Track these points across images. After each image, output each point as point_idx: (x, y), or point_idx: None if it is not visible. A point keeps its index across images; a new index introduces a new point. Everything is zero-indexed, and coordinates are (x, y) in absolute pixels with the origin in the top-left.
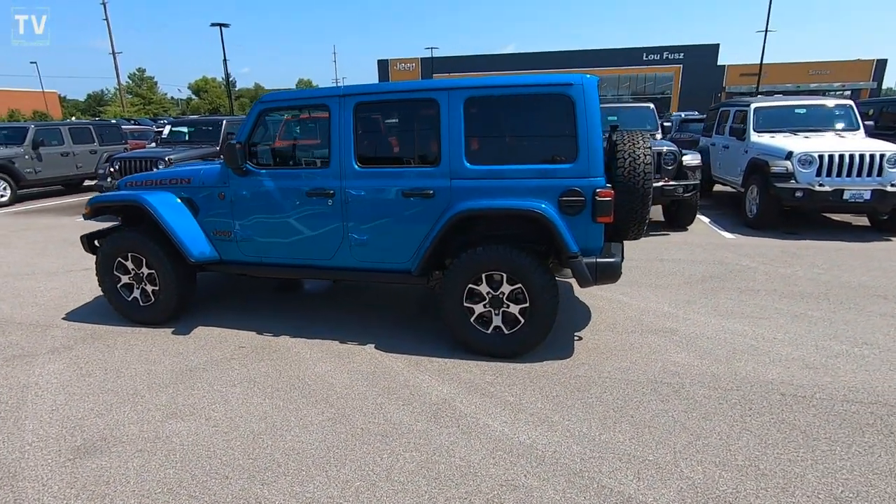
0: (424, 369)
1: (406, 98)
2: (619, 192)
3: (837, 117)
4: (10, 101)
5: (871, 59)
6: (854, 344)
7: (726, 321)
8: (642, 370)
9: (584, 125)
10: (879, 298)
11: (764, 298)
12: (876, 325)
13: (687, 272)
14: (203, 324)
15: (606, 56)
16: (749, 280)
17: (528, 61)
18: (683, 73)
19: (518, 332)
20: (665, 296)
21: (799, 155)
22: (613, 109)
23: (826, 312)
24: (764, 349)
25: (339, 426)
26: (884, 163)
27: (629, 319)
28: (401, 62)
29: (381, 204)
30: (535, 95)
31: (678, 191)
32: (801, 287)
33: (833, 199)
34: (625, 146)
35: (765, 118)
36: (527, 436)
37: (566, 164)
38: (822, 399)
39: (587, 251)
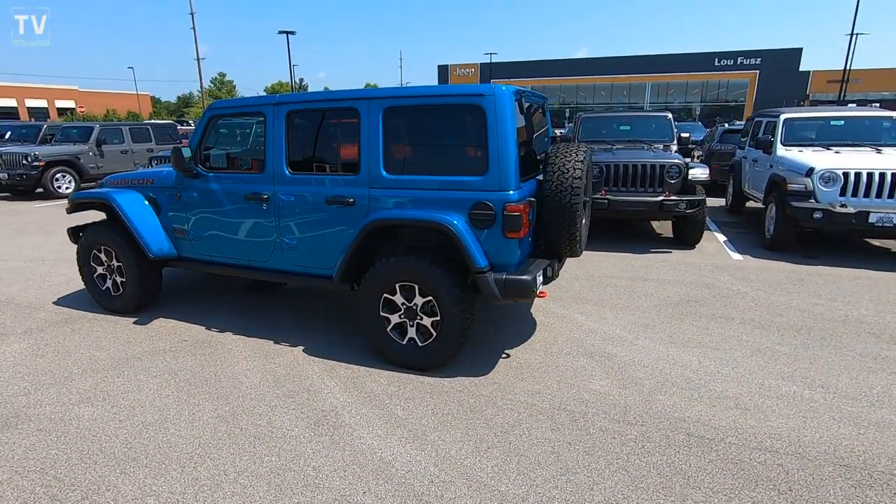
0: (335, 376)
1: (331, 107)
2: (546, 206)
3: (880, 131)
4: (108, 102)
5: None
6: (808, 386)
7: (676, 350)
8: (552, 395)
9: (494, 138)
10: (870, 337)
11: (734, 328)
12: (848, 366)
13: (664, 294)
14: (165, 315)
15: (675, 61)
16: (729, 307)
17: (593, 66)
18: (760, 80)
19: (431, 345)
20: (626, 318)
21: (821, 171)
22: (628, 119)
23: (796, 348)
24: (699, 383)
25: (222, 424)
26: None
27: (571, 340)
28: (460, 67)
29: (309, 209)
30: (449, 106)
31: (680, 206)
32: (786, 318)
33: (857, 223)
34: (556, 160)
35: (796, 130)
36: (391, 452)
37: (476, 177)
38: (732, 444)
39: (499, 266)
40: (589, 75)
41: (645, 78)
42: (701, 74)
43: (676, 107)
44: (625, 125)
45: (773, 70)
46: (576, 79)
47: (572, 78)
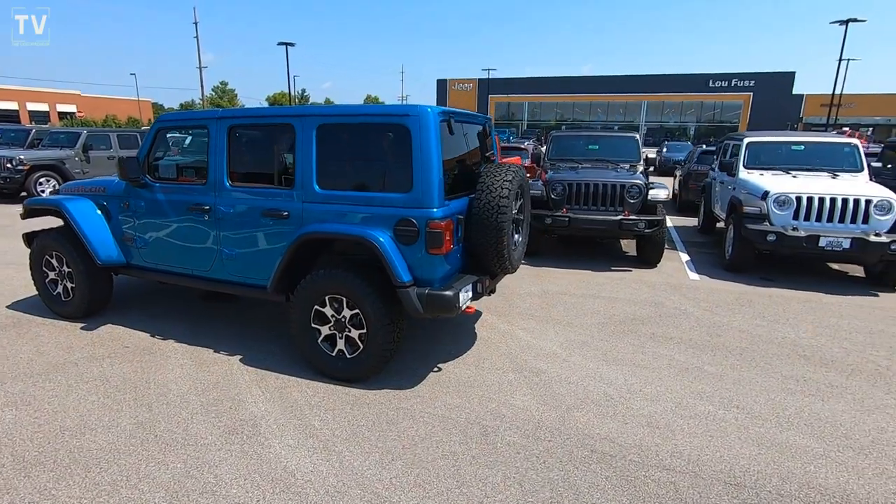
0: (264, 385)
1: (269, 123)
2: (474, 224)
3: (839, 157)
4: (109, 108)
5: None
6: (724, 406)
7: (606, 368)
8: (471, 409)
9: (418, 156)
10: (800, 359)
11: (669, 347)
12: (769, 387)
13: (612, 312)
14: (113, 322)
15: (671, 82)
16: (671, 326)
17: (590, 84)
18: (754, 102)
19: (359, 357)
20: (567, 335)
21: (775, 195)
22: (597, 138)
23: (724, 368)
24: (618, 401)
25: (139, 431)
26: (871, 209)
27: (506, 356)
28: (458, 82)
29: (247, 221)
30: (377, 125)
31: (638, 226)
32: (723, 339)
33: (807, 246)
34: (485, 179)
35: (758, 154)
36: (297, 462)
37: (401, 194)
38: (632, 462)
39: (423, 281)
40: (586, 93)
41: (641, 97)
42: (696, 95)
43: (672, 126)
44: (593, 144)
45: (767, 92)
46: (573, 96)
47: (570, 95)
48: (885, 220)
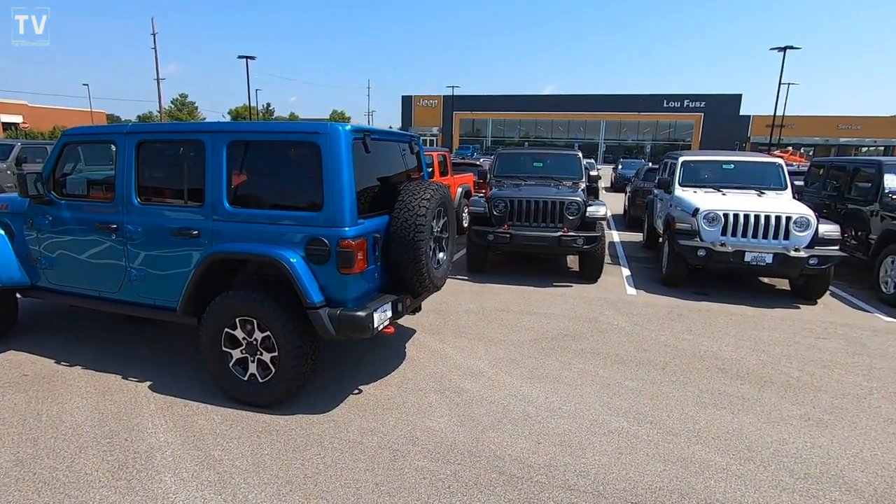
0: (170, 414)
1: (179, 139)
2: (392, 243)
3: (765, 175)
4: (59, 119)
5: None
6: (638, 421)
7: (529, 385)
8: (384, 433)
9: (329, 174)
10: (718, 372)
11: (595, 363)
12: (684, 401)
13: (545, 328)
14: (17, 348)
15: (628, 101)
16: (601, 342)
17: (552, 103)
18: (704, 122)
19: (271, 382)
20: (496, 352)
21: (704, 212)
22: (541, 155)
23: (644, 383)
24: (536, 420)
25: (16, 469)
26: (790, 225)
27: (431, 376)
28: (424, 98)
29: (156, 240)
30: (288, 143)
31: (577, 242)
32: (649, 353)
33: (734, 261)
34: (403, 197)
35: (692, 172)
36: (186, 496)
37: (313, 213)
38: (537, 483)
39: (336, 302)
40: (549, 111)
41: (600, 116)
42: (651, 115)
43: (630, 144)
44: (538, 161)
45: (716, 113)
46: (536, 114)
47: (533, 113)
48: (803, 235)
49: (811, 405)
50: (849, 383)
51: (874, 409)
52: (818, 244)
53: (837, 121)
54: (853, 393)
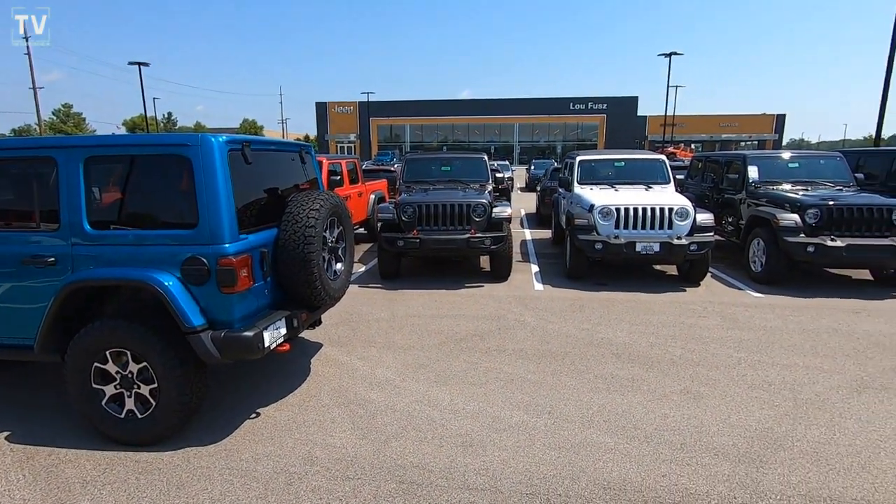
0: (31, 465)
1: (26, 156)
2: (281, 257)
3: (651, 171)
4: None
5: (773, 114)
6: (537, 413)
7: (435, 389)
8: (280, 457)
9: (203, 189)
10: (613, 357)
11: (501, 360)
12: (580, 388)
13: (455, 330)
14: None
15: (539, 105)
16: (508, 338)
17: (468, 107)
18: (608, 122)
19: (152, 417)
20: (405, 358)
21: (599, 207)
22: (448, 160)
23: (545, 375)
24: (440, 423)
25: None
26: (672, 216)
27: (336, 390)
28: (339, 105)
29: (4, 270)
30: (154, 156)
31: (485, 243)
32: (551, 345)
33: (627, 252)
34: (291, 209)
35: (589, 171)
36: None
37: (187, 231)
38: (438, 486)
39: (220, 323)
40: (466, 115)
41: (513, 119)
42: (560, 117)
43: (542, 145)
44: (446, 166)
45: (617, 114)
46: (453, 118)
47: (450, 117)
48: (684, 224)
49: (690, 379)
50: (722, 356)
51: (741, 378)
52: (697, 232)
53: (719, 119)
54: (725, 364)
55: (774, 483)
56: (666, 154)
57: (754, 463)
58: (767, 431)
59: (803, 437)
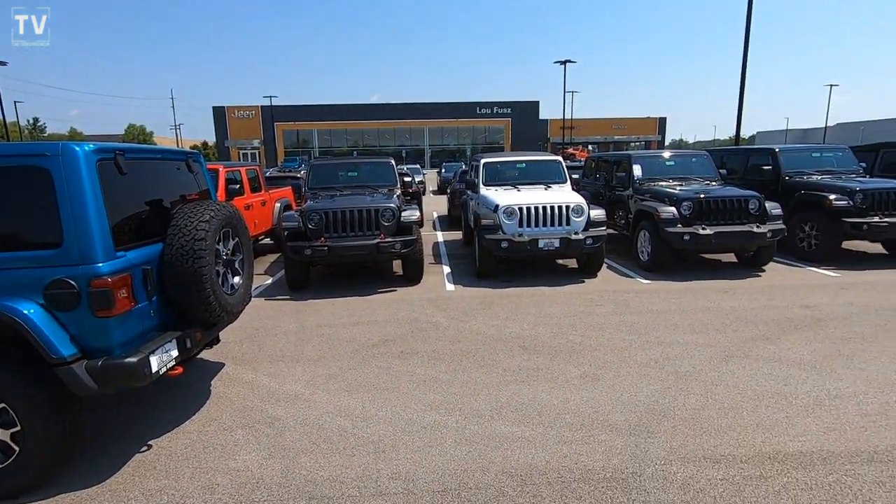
0: None
1: None
2: (168, 273)
3: (550, 171)
4: None
5: (657, 117)
6: (450, 411)
7: (347, 398)
8: (177, 490)
9: (68, 203)
10: (520, 350)
11: (413, 362)
12: (490, 382)
13: (367, 337)
14: None
15: (447, 109)
16: (420, 341)
17: (378, 112)
18: (513, 126)
19: (17, 465)
20: (315, 370)
21: (503, 207)
22: (354, 165)
23: (456, 373)
24: (351, 433)
25: None
26: (569, 213)
27: (241, 410)
28: (239, 109)
29: None
30: (6, 169)
31: (395, 247)
32: (462, 344)
33: (531, 249)
34: (177, 221)
35: (493, 172)
36: None
37: (50, 251)
38: (350, 497)
39: (97, 351)
40: (376, 119)
41: (424, 123)
42: (468, 121)
43: (453, 148)
44: (352, 171)
45: (521, 118)
46: (363, 123)
47: (360, 122)
48: (579, 220)
49: (588, 364)
50: (616, 339)
51: (632, 358)
52: (591, 227)
53: (611, 122)
54: (618, 347)
55: (659, 450)
56: (566, 155)
57: (643, 434)
58: (654, 404)
59: (682, 405)
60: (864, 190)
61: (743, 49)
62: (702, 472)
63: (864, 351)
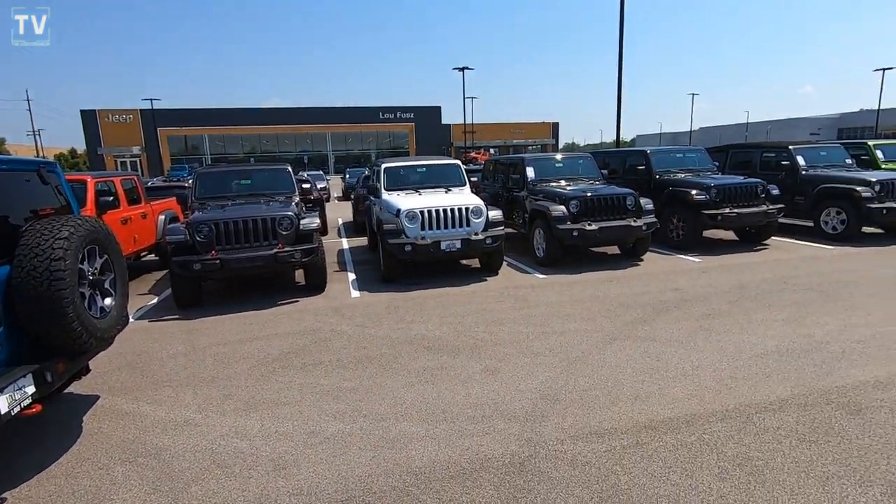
0: None
1: None
2: (19, 298)
3: (450, 175)
4: None
5: (550, 122)
6: (354, 419)
7: (244, 419)
8: None
9: None
10: (425, 350)
11: (317, 373)
12: (396, 386)
13: (266, 351)
14: None
15: (350, 114)
16: (324, 350)
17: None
18: (417, 130)
19: None
20: (208, 393)
21: (405, 211)
22: (247, 172)
23: (362, 380)
24: (250, 452)
25: None
26: (469, 215)
27: (120, 444)
28: (114, 113)
29: None
30: None
31: (295, 256)
32: (367, 350)
33: (434, 251)
34: (28, 240)
35: (394, 177)
36: None
37: None
38: None
39: None
40: (273, 124)
41: (326, 128)
42: (371, 125)
43: (357, 154)
44: (245, 179)
45: (424, 123)
46: (260, 128)
47: (256, 127)
48: (479, 222)
49: (490, 358)
50: (515, 332)
51: (529, 349)
52: (490, 227)
53: (510, 127)
54: (517, 339)
55: (553, 432)
56: (468, 158)
57: (538, 419)
58: (547, 390)
59: (573, 388)
60: (717, 185)
61: (618, 63)
62: (588, 446)
63: (720, 325)
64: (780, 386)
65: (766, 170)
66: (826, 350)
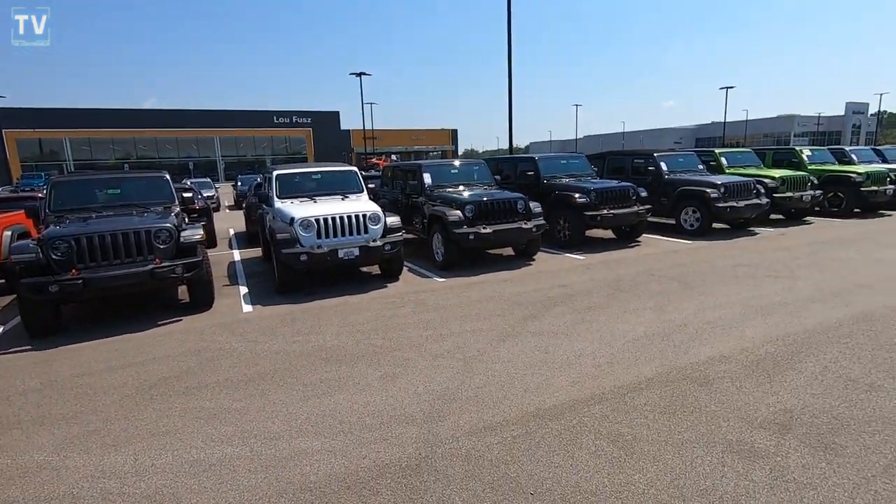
0: None
1: None
2: None
3: (346, 182)
4: None
5: (450, 129)
6: (244, 441)
7: (112, 456)
8: None
9: None
10: (322, 362)
11: (201, 397)
12: (290, 400)
13: (142, 378)
14: None
15: (241, 117)
16: (211, 371)
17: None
18: (315, 136)
19: None
20: (67, 431)
21: (299, 220)
22: (117, 181)
23: (253, 399)
24: (120, 492)
25: None
26: (367, 221)
27: None
28: None
29: None
30: None
31: (176, 271)
32: (260, 366)
33: (331, 259)
34: None
35: (287, 185)
36: None
37: None
38: None
39: None
40: (151, 127)
41: (213, 132)
42: (265, 130)
43: (250, 160)
44: (113, 188)
45: (322, 128)
46: (135, 131)
47: (130, 130)
48: (377, 228)
49: (389, 365)
50: (414, 336)
51: (428, 351)
52: (389, 233)
53: (411, 133)
54: (416, 344)
55: (448, 430)
56: (370, 164)
57: (435, 420)
58: (444, 390)
59: (468, 386)
60: (596, 189)
61: (507, 74)
62: (482, 440)
63: (599, 316)
64: (647, 367)
65: (636, 174)
66: (684, 332)
